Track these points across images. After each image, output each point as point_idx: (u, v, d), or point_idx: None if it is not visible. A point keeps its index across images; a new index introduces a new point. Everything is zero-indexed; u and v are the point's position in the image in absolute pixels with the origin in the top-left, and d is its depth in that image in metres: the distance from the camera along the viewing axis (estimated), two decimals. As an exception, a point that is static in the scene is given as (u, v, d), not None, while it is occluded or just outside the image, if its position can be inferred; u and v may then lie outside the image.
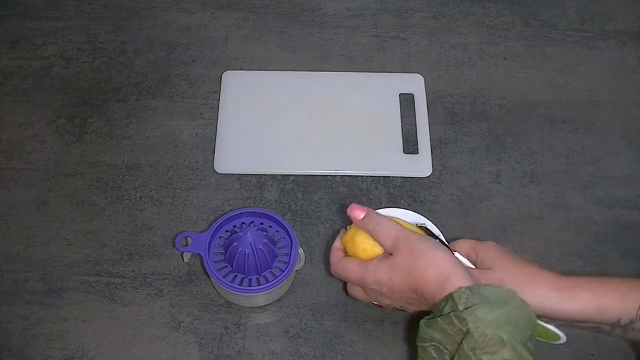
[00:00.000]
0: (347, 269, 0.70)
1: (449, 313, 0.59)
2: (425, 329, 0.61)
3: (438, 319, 0.60)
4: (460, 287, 0.60)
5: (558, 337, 0.70)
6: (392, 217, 0.72)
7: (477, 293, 0.59)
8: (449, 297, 0.60)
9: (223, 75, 0.95)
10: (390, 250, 0.67)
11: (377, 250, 0.69)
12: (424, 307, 0.66)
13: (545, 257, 0.82)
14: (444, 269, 0.63)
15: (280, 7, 1.03)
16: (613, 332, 0.65)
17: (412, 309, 0.69)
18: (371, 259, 0.69)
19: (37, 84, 0.95)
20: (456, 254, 0.70)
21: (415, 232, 0.69)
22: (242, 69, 0.97)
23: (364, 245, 0.70)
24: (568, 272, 0.80)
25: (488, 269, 0.68)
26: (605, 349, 0.76)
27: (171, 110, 0.93)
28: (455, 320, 0.58)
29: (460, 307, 0.58)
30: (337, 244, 0.73)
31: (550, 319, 0.67)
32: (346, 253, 0.72)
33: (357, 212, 0.71)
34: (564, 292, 0.64)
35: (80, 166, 0.88)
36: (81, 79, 0.96)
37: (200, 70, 0.96)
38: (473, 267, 0.70)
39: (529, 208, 0.86)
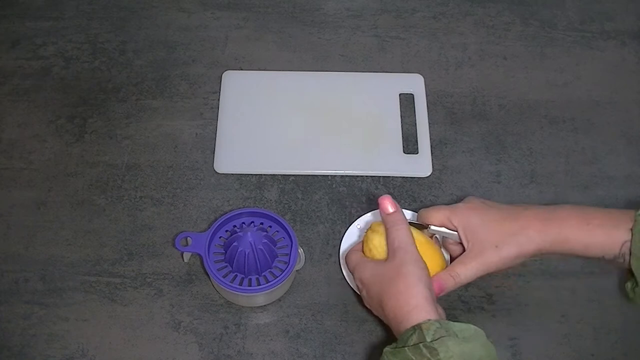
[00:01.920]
0: (350, 258, 0.73)
1: (417, 344, 0.59)
2: (390, 357, 0.61)
3: (405, 348, 0.60)
4: (429, 319, 0.61)
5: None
6: (413, 224, 0.72)
7: (447, 327, 0.60)
8: (417, 328, 0.61)
9: (223, 75, 0.95)
10: (390, 254, 0.68)
11: (381, 255, 0.70)
12: (384, 320, 0.68)
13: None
14: (416, 299, 0.63)
15: (280, 7, 1.03)
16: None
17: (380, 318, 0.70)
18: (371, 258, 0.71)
19: (37, 84, 0.95)
20: (432, 228, 0.71)
21: (422, 247, 0.69)
22: (242, 69, 0.97)
23: (372, 246, 0.71)
24: (568, 272, 0.81)
25: (476, 237, 0.68)
26: (605, 349, 0.76)
27: (171, 110, 0.93)
28: (425, 351, 0.58)
29: (428, 339, 0.59)
30: (357, 246, 0.75)
31: (542, 255, 0.68)
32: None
33: (387, 206, 0.71)
34: (553, 236, 0.66)
35: (80, 166, 0.88)
36: (81, 79, 0.96)
37: (200, 70, 0.96)
38: (458, 241, 0.70)
39: (529, 208, 0.86)
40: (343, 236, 0.81)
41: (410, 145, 0.90)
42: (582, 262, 0.82)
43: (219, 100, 0.93)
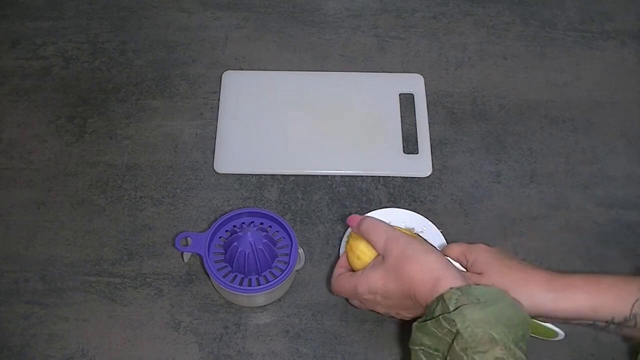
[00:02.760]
0: (342, 285, 0.71)
1: (439, 315, 0.59)
2: (416, 332, 0.61)
3: (428, 322, 0.60)
4: (451, 288, 0.60)
5: (556, 334, 0.70)
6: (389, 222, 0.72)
7: (468, 293, 0.59)
8: (440, 298, 0.60)
9: (223, 75, 0.95)
10: (382, 252, 0.67)
11: (371, 258, 0.69)
12: (419, 312, 0.66)
13: (545, 257, 0.82)
14: (434, 272, 0.63)
15: (280, 7, 1.03)
16: (607, 328, 0.65)
17: (408, 316, 0.69)
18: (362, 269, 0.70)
19: (37, 84, 0.95)
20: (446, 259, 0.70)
21: (407, 234, 0.69)
22: (242, 69, 0.97)
23: (359, 252, 0.70)
24: (568, 272, 0.80)
25: (480, 273, 0.68)
26: (605, 349, 0.76)
27: (171, 110, 0.93)
28: (444, 323, 0.58)
29: (451, 308, 0.58)
30: (340, 262, 0.74)
31: (546, 318, 0.67)
32: (350, 265, 0.73)
33: (354, 220, 0.72)
34: (558, 292, 0.64)
35: (80, 166, 0.88)
36: (81, 79, 0.96)
37: (200, 70, 0.96)
38: (464, 270, 0.71)
39: (529, 208, 0.86)
40: (343, 236, 0.81)
41: (410, 145, 0.90)
42: (582, 262, 0.82)
43: (219, 100, 0.93)
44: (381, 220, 0.71)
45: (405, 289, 0.65)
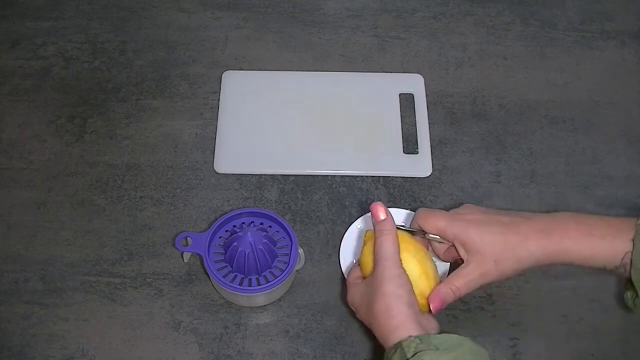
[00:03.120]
0: (348, 279, 0.72)
1: None
2: None
3: None
4: (410, 336, 0.60)
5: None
6: (402, 233, 0.70)
7: (427, 341, 0.59)
8: (398, 346, 0.60)
9: (223, 75, 0.95)
10: (374, 266, 0.67)
11: (370, 268, 0.68)
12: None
13: (545, 257, 0.82)
14: (395, 318, 0.63)
15: (280, 7, 1.03)
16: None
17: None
18: (366, 275, 0.69)
19: (37, 84, 0.95)
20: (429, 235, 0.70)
21: (410, 254, 0.68)
22: (242, 69, 0.97)
23: (365, 257, 0.70)
24: (568, 272, 0.81)
25: (474, 251, 0.67)
26: (605, 349, 0.76)
27: (171, 110, 0.93)
28: None
29: (409, 356, 0.58)
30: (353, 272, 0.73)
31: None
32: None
33: (379, 213, 0.68)
34: (554, 246, 0.65)
35: (80, 166, 0.88)
36: (81, 79, 0.96)
37: (200, 70, 0.96)
38: (444, 242, 0.70)
39: (529, 208, 0.86)
40: (343, 236, 0.81)
41: (410, 145, 0.90)
42: (582, 262, 0.82)
43: (219, 100, 0.93)
44: (394, 237, 0.67)
45: (370, 318, 0.66)
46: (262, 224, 0.78)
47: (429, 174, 0.88)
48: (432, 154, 0.89)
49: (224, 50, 0.99)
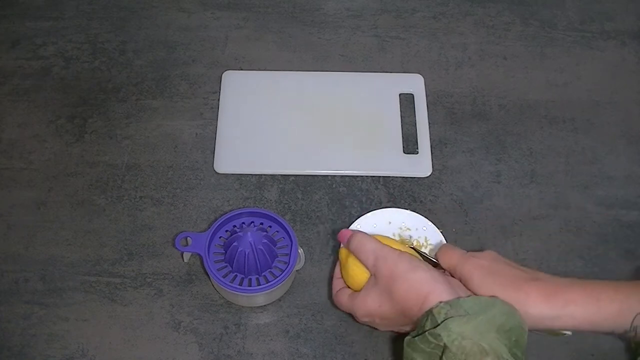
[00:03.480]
0: (341, 303, 0.71)
1: (426, 331, 0.58)
2: (406, 348, 0.61)
3: (416, 338, 0.59)
4: (440, 302, 0.60)
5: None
6: (378, 235, 0.72)
7: (457, 306, 0.59)
8: (429, 313, 0.60)
9: (223, 75, 0.95)
10: (373, 271, 0.67)
11: (365, 276, 0.69)
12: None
13: (545, 257, 0.82)
14: (423, 288, 0.62)
15: (280, 7, 1.03)
16: (607, 335, 0.64)
17: (408, 329, 0.68)
18: (358, 289, 0.69)
19: (37, 84, 0.95)
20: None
21: (397, 250, 0.68)
22: (242, 69, 0.97)
23: (352, 271, 0.70)
24: (568, 272, 0.81)
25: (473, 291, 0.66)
26: (605, 349, 0.76)
27: (171, 110, 0.93)
28: (431, 338, 0.58)
29: (439, 321, 0.58)
30: (337, 272, 0.74)
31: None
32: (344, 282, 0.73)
33: (344, 235, 0.71)
34: (556, 310, 0.62)
35: (80, 166, 0.88)
36: (81, 79, 0.96)
37: (200, 70, 0.96)
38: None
39: (529, 208, 0.86)
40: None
41: (410, 145, 0.90)
42: (582, 262, 0.82)
43: (219, 100, 0.93)
44: (370, 237, 0.69)
45: (399, 309, 0.65)
46: (262, 224, 0.78)
47: (429, 174, 0.88)
48: (432, 154, 0.89)
49: (224, 50, 0.99)
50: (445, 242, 0.79)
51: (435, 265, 0.70)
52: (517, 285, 0.64)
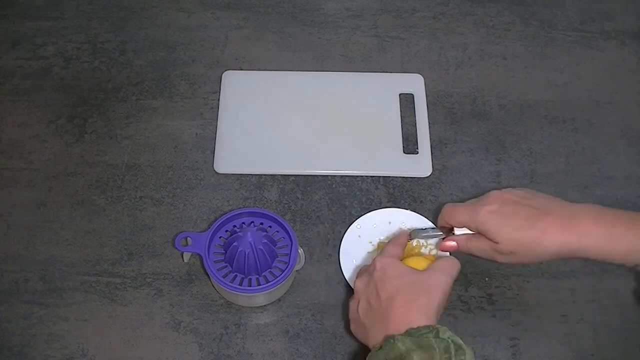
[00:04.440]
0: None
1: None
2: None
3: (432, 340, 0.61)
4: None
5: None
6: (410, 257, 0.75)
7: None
8: (433, 328, 0.62)
9: (223, 75, 0.95)
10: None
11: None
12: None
13: (545, 257, 0.82)
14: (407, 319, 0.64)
15: (280, 7, 1.03)
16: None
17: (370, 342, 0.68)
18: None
19: (37, 84, 0.95)
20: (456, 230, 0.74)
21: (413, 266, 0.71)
22: (242, 69, 0.97)
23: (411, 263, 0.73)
24: (568, 272, 0.81)
25: (494, 238, 0.70)
26: (605, 349, 0.76)
27: (171, 110, 0.93)
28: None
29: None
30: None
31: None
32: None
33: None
34: (571, 243, 0.66)
35: (80, 166, 0.88)
36: (81, 79, 0.96)
37: (200, 70, 0.96)
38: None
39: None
40: (343, 236, 0.81)
41: (410, 145, 0.90)
42: (582, 262, 0.82)
43: (219, 100, 0.93)
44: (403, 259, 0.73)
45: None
46: (262, 224, 0.78)
47: (429, 174, 0.88)
48: (432, 154, 0.89)
49: (224, 50, 0.99)
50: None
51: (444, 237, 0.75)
52: (531, 223, 0.68)
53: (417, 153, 0.89)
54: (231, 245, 0.74)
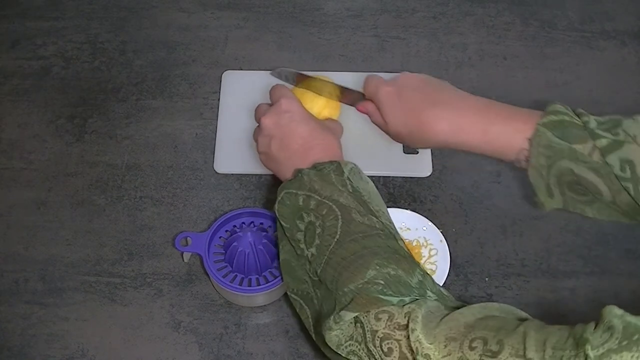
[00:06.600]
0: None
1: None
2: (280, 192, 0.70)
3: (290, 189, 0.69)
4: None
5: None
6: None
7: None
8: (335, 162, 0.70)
9: (223, 75, 0.95)
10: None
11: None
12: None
13: (545, 257, 0.82)
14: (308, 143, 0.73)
15: (280, 7, 1.03)
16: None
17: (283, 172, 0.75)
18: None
19: (37, 84, 0.95)
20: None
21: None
22: (242, 69, 0.97)
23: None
24: (568, 272, 0.81)
25: (387, 119, 0.77)
26: (605, 349, 0.76)
27: (171, 110, 0.93)
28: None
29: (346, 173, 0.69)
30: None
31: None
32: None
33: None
34: (450, 135, 0.72)
35: (80, 166, 0.88)
36: (81, 79, 0.96)
37: (200, 70, 0.96)
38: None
39: (529, 208, 0.86)
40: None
41: (410, 145, 0.90)
42: (582, 262, 0.82)
43: (219, 100, 0.93)
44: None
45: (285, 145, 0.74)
46: (262, 224, 0.78)
47: (429, 174, 0.88)
48: (432, 153, 0.89)
49: (224, 50, 0.98)
50: (445, 242, 0.79)
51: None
52: (416, 112, 0.74)
53: (417, 153, 0.89)
54: (231, 245, 0.74)
